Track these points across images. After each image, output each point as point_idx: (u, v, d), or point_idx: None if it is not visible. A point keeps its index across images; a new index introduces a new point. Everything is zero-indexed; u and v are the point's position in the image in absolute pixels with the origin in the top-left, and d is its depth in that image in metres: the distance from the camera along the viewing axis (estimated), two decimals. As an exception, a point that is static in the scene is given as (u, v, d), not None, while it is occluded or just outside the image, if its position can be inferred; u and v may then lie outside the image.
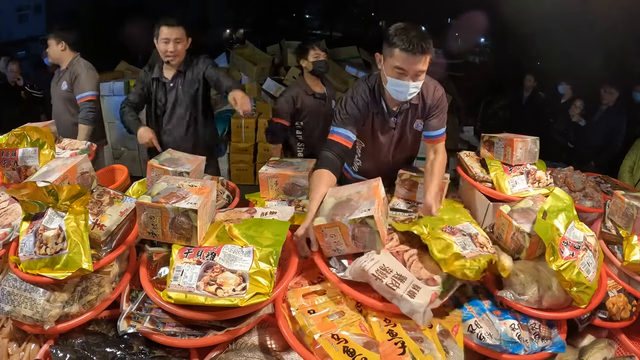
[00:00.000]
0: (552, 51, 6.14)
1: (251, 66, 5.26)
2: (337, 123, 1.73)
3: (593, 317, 1.39)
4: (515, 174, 1.85)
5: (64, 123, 2.97)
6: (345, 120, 1.72)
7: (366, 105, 1.75)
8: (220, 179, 1.89)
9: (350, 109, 1.73)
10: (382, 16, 10.54)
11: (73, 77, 2.95)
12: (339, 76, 5.24)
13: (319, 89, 2.86)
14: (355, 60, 5.61)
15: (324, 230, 1.23)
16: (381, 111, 1.80)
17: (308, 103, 2.80)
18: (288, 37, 5.94)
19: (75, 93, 2.95)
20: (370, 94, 1.76)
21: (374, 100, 1.77)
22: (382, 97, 1.76)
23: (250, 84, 5.24)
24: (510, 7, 5.16)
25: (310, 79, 2.82)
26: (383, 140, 1.90)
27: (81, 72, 2.95)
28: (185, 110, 2.55)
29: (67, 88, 2.97)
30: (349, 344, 1.04)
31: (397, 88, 1.61)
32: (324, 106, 2.86)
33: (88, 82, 2.94)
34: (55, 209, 1.26)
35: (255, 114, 4.91)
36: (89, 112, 2.90)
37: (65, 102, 3.00)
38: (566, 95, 4.94)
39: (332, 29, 10.57)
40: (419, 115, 1.85)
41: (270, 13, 9.28)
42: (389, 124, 1.85)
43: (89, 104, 2.92)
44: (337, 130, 1.71)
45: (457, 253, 1.22)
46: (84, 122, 2.89)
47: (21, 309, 1.19)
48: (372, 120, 1.82)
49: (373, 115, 1.80)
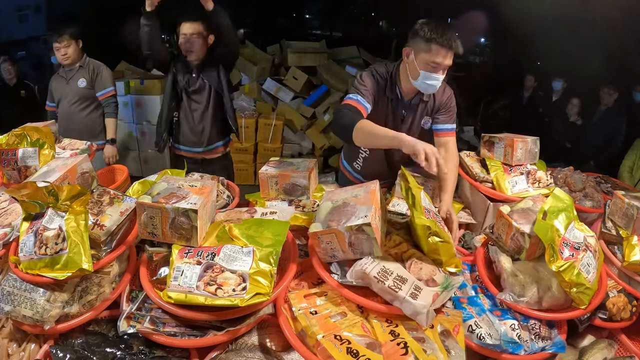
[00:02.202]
0: (552, 51, 6.14)
1: (251, 66, 5.26)
2: (355, 91, 1.75)
3: (593, 318, 1.38)
4: (516, 174, 1.85)
5: (76, 120, 3.11)
6: (364, 91, 1.74)
7: (383, 86, 1.80)
8: (220, 178, 1.89)
9: (370, 82, 1.76)
10: (382, 16, 10.54)
11: (94, 74, 3.10)
12: (339, 76, 5.24)
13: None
14: (355, 60, 5.61)
15: (320, 237, 1.22)
16: (395, 98, 1.83)
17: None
18: (288, 37, 5.94)
19: (96, 90, 3.12)
20: (389, 78, 1.80)
21: (391, 86, 1.81)
22: (397, 85, 1.81)
23: (250, 84, 5.24)
24: (510, 7, 5.16)
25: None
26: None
27: (102, 69, 3.14)
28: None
29: (87, 85, 3.10)
30: (352, 345, 1.04)
31: (428, 81, 1.68)
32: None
33: (109, 78, 3.16)
34: (55, 209, 1.26)
35: (255, 114, 4.91)
36: (115, 106, 3.18)
37: (81, 99, 3.11)
38: (558, 93, 4.94)
39: (332, 29, 10.56)
40: (428, 112, 1.88)
41: (270, 13, 9.27)
42: (399, 115, 1.87)
43: (112, 99, 3.17)
44: (355, 98, 1.72)
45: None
46: (112, 115, 3.15)
47: (21, 309, 1.19)
48: (385, 106, 1.85)
49: (388, 100, 1.83)
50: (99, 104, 3.15)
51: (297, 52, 5.35)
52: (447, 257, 1.25)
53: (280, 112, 5.01)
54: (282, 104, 5.14)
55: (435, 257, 1.26)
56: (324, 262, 1.28)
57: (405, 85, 1.78)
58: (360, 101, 1.71)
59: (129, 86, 4.61)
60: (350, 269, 1.20)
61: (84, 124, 3.10)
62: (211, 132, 2.75)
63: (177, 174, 1.65)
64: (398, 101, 1.84)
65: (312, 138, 4.99)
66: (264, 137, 4.85)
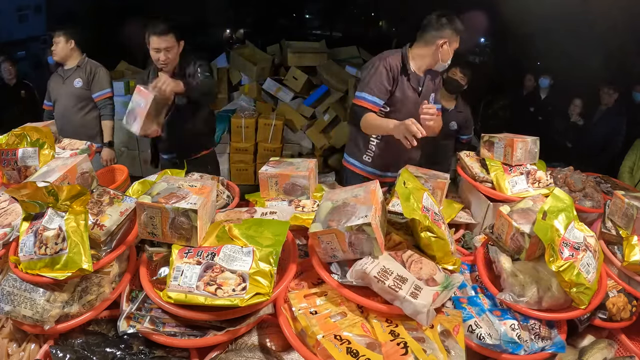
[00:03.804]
0: (552, 51, 6.14)
1: (251, 66, 5.26)
2: (365, 89, 2.06)
3: (593, 318, 1.38)
4: (515, 174, 1.85)
5: (72, 120, 3.08)
6: (373, 87, 2.04)
7: (399, 70, 2.09)
8: (220, 178, 1.89)
9: (382, 74, 2.05)
10: (382, 16, 10.54)
11: (90, 75, 3.06)
12: (339, 76, 5.23)
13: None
14: (355, 60, 5.60)
15: (320, 237, 1.22)
16: (411, 76, 2.13)
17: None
18: (288, 37, 5.93)
19: (93, 91, 3.08)
20: (401, 61, 2.11)
21: (404, 67, 2.12)
22: (409, 65, 2.12)
23: (250, 84, 5.24)
24: (510, 7, 5.16)
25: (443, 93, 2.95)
26: (410, 107, 2.12)
27: (99, 71, 3.10)
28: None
29: (83, 86, 3.07)
30: (352, 345, 1.04)
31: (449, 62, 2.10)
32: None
33: (106, 79, 3.11)
34: (55, 209, 1.26)
35: (255, 114, 4.91)
36: (112, 108, 3.12)
37: (77, 100, 3.08)
38: (546, 90, 4.96)
39: (332, 29, 10.56)
40: (434, 89, 2.23)
41: (270, 13, 9.27)
42: (416, 89, 2.16)
43: (109, 100, 3.12)
44: (362, 96, 2.06)
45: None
46: (109, 117, 3.10)
47: (21, 309, 1.19)
48: (404, 84, 2.12)
49: (405, 79, 2.12)
50: (95, 106, 3.12)
51: (297, 52, 5.35)
52: (441, 254, 1.27)
53: (280, 112, 5.00)
54: (282, 104, 5.14)
55: (430, 253, 1.28)
56: (324, 262, 1.28)
57: (417, 65, 2.13)
58: (368, 100, 2.05)
59: (129, 86, 4.61)
60: (350, 269, 1.20)
61: (79, 125, 3.07)
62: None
63: (177, 174, 1.66)
64: (413, 78, 2.14)
65: (312, 138, 4.99)
66: (264, 137, 4.84)
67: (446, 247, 1.27)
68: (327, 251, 1.24)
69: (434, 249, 1.26)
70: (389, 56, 2.09)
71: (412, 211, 1.22)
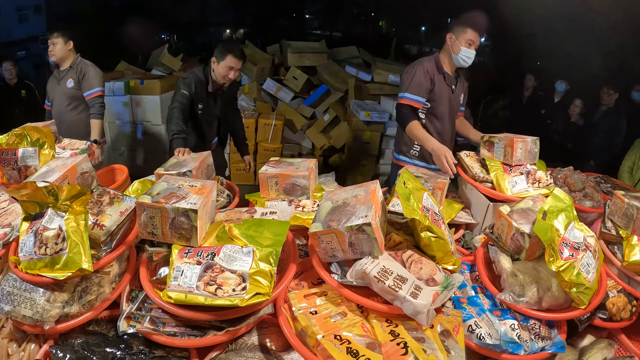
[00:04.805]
0: (552, 51, 6.14)
1: (251, 66, 5.26)
2: (408, 89, 2.32)
3: (593, 318, 1.38)
4: (515, 174, 1.85)
5: (66, 121, 3.07)
6: (416, 87, 2.31)
7: (436, 71, 2.37)
8: (220, 178, 1.89)
9: (421, 76, 2.32)
10: (382, 16, 10.55)
11: (80, 74, 3.05)
12: (339, 76, 5.23)
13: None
14: (355, 60, 5.60)
15: (320, 237, 1.22)
16: (445, 74, 2.39)
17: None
18: (288, 37, 5.93)
19: (83, 90, 3.07)
20: (435, 65, 2.39)
21: (439, 68, 2.39)
22: (443, 67, 2.39)
23: (250, 84, 5.24)
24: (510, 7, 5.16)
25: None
26: (445, 102, 2.41)
27: (89, 70, 3.07)
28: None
29: (74, 86, 3.06)
30: (352, 345, 1.04)
31: (469, 55, 2.29)
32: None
33: (96, 78, 3.08)
34: (55, 209, 1.26)
35: (255, 114, 4.92)
36: (100, 106, 3.07)
37: (69, 100, 3.08)
38: (560, 94, 4.95)
39: (332, 29, 10.57)
40: (463, 90, 2.54)
41: (270, 13, 9.28)
42: (451, 88, 2.43)
43: (99, 99, 3.08)
44: (406, 96, 2.33)
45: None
46: (97, 116, 3.05)
47: (21, 309, 1.19)
48: (442, 83, 2.38)
49: (442, 78, 2.38)
50: (87, 105, 3.10)
51: (297, 52, 5.35)
52: (441, 254, 1.27)
53: (280, 112, 5.01)
54: (282, 104, 5.14)
55: (430, 253, 1.28)
56: (324, 262, 1.28)
57: (446, 66, 2.40)
58: (412, 98, 2.32)
59: (129, 86, 4.61)
60: (350, 269, 1.20)
61: (73, 125, 3.05)
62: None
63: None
64: (447, 77, 2.40)
65: (312, 138, 4.99)
66: (264, 137, 4.85)
67: (446, 247, 1.27)
68: (327, 251, 1.24)
69: (434, 249, 1.26)
70: (424, 61, 2.39)
71: (412, 211, 1.22)
